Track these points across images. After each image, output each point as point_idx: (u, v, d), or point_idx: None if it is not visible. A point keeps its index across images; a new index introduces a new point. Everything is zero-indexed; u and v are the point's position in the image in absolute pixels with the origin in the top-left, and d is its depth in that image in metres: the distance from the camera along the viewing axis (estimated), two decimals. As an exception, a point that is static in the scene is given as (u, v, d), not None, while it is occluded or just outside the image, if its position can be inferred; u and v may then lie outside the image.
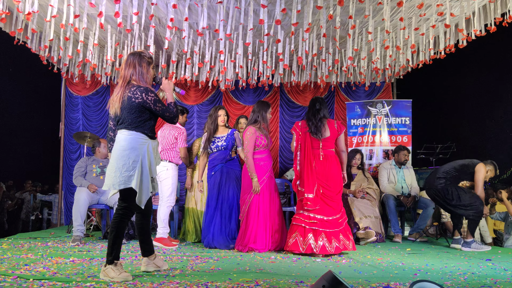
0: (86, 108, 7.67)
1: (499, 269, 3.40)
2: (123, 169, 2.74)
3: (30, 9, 4.38)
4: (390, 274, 3.07)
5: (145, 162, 2.81)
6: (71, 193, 7.33)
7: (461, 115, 7.50)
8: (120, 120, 2.84)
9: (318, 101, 4.23)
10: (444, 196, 4.66)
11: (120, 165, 2.75)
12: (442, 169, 4.81)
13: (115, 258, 2.75)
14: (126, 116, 2.81)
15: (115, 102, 2.83)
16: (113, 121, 2.96)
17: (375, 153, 6.82)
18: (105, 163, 5.25)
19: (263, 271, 3.05)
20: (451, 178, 4.70)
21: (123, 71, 2.89)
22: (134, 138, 2.80)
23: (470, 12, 4.82)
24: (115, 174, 2.76)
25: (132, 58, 2.89)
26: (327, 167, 4.11)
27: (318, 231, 3.98)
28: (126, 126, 2.82)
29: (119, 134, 2.84)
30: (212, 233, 4.46)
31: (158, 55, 6.68)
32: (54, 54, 6.02)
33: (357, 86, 7.82)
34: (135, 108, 2.79)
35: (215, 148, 4.69)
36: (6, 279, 2.63)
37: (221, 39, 5.01)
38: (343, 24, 5.52)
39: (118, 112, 2.82)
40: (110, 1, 4.77)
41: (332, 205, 4.07)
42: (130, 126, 2.81)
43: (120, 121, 2.85)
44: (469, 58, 6.66)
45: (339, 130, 4.18)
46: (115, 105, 2.82)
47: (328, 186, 4.09)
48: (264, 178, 4.36)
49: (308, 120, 4.20)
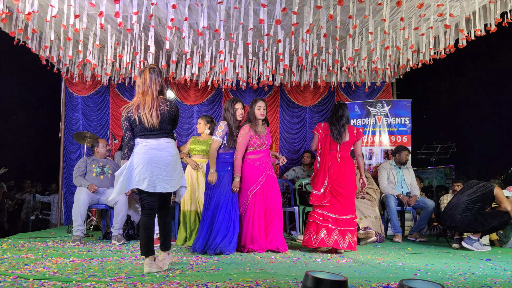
0: (86, 108, 7.67)
1: (499, 269, 3.40)
2: (179, 171, 3.21)
3: (30, 9, 4.38)
4: (390, 274, 3.07)
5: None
6: (71, 193, 7.33)
7: (461, 115, 7.50)
8: (157, 130, 3.14)
9: (341, 107, 4.45)
10: (475, 229, 4.65)
11: (179, 168, 3.22)
12: (462, 206, 4.74)
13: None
14: (164, 126, 3.17)
15: (153, 116, 3.09)
16: (129, 130, 3.17)
17: (375, 153, 6.82)
18: (104, 163, 5.25)
19: (263, 271, 3.05)
20: (476, 211, 4.70)
21: (150, 86, 3.16)
22: (175, 144, 3.26)
23: (470, 12, 4.82)
24: (178, 175, 3.20)
25: (155, 74, 3.20)
26: (343, 168, 4.35)
27: (331, 229, 4.19)
28: (165, 135, 3.18)
29: (162, 142, 3.13)
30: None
31: (158, 55, 6.68)
32: (54, 54, 6.02)
33: (357, 86, 7.82)
34: (172, 119, 3.22)
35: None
36: (6, 279, 2.63)
37: (221, 39, 5.01)
38: (343, 24, 5.52)
39: (157, 124, 3.11)
40: (110, 1, 4.77)
41: (347, 204, 4.28)
42: (169, 135, 3.21)
43: (156, 130, 3.13)
44: (469, 58, 6.66)
45: (357, 136, 4.46)
46: (153, 118, 3.10)
47: (344, 185, 4.31)
48: (260, 179, 4.30)
49: (331, 125, 4.43)
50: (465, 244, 4.62)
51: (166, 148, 3.14)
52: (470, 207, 4.72)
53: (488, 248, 4.68)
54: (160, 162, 3.10)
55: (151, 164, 3.07)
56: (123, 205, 4.88)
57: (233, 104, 4.39)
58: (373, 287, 2.56)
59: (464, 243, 4.63)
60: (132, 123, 3.15)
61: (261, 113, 4.34)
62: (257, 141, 4.33)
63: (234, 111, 4.35)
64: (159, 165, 3.09)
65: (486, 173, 6.63)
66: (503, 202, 4.64)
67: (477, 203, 4.72)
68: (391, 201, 5.52)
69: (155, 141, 3.13)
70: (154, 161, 3.08)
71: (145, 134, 3.13)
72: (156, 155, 3.10)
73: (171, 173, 3.13)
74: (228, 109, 4.38)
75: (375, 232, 5.06)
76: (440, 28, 5.62)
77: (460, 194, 4.89)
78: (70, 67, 7.03)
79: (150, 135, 3.13)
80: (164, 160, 3.12)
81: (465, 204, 4.73)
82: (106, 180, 5.14)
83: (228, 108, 4.38)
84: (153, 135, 3.13)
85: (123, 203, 4.88)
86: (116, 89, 7.77)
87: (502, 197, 4.68)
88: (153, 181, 3.07)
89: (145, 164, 3.06)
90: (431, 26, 5.10)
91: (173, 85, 7.73)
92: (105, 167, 5.21)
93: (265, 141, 4.38)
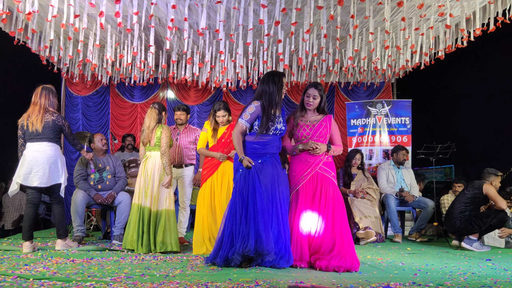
0: (86, 108, 7.67)
1: (499, 269, 3.40)
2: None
3: (30, 9, 4.38)
4: (390, 274, 3.07)
5: None
6: (70, 193, 7.31)
7: (461, 115, 7.49)
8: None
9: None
10: (471, 231, 4.66)
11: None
12: (457, 210, 4.75)
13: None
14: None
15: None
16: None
17: (375, 153, 6.83)
18: (104, 164, 5.09)
19: (263, 271, 3.05)
20: (470, 212, 4.70)
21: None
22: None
23: (470, 12, 4.82)
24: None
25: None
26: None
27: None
28: None
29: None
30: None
31: (158, 55, 6.68)
32: (54, 54, 6.02)
33: (357, 86, 7.82)
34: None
35: (273, 130, 3.45)
36: (6, 279, 2.63)
37: (221, 39, 5.01)
38: (343, 24, 5.53)
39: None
40: (110, 1, 4.77)
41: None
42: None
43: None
44: (469, 58, 6.66)
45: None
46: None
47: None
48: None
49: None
50: (465, 245, 4.62)
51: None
52: (464, 210, 4.72)
53: (488, 249, 4.68)
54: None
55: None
56: (126, 205, 4.84)
57: (280, 78, 3.46)
58: (373, 287, 2.56)
59: (464, 244, 4.63)
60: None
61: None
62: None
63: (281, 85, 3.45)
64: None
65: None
66: (496, 201, 4.60)
67: (470, 205, 4.72)
68: (391, 201, 5.52)
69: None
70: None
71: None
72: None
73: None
74: (271, 82, 3.41)
75: (375, 232, 5.06)
76: (441, 28, 5.62)
77: (458, 197, 4.90)
78: (70, 67, 7.03)
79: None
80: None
81: (460, 208, 4.74)
82: (105, 187, 5.04)
83: (275, 81, 3.42)
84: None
85: (126, 203, 4.85)
86: (116, 89, 7.77)
87: (494, 195, 4.63)
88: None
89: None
90: (431, 26, 5.11)
91: (173, 85, 7.73)
92: (105, 170, 5.06)
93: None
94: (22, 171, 4.00)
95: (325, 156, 3.44)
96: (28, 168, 3.99)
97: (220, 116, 4.33)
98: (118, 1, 4.33)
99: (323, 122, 3.49)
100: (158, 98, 7.87)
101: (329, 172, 3.41)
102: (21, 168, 4.03)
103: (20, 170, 4.02)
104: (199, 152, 4.60)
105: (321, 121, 3.50)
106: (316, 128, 3.46)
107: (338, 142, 3.56)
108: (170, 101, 7.88)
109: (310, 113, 3.57)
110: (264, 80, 3.46)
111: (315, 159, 3.40)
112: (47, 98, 4.15)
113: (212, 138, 4.41)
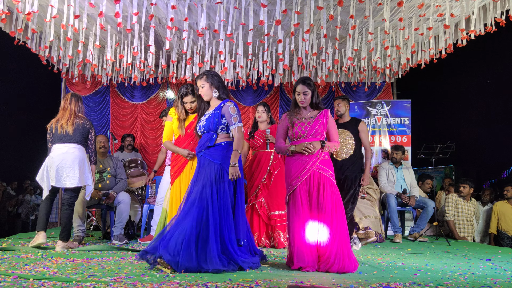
0: (86, 108, 7.65)
1: (499, 269, 3.40)
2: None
3: (30, 9, 4.38)
4: (390, 274, 3.07)
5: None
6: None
7: (460, 115, 7.50)
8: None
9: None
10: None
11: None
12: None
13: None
14: None
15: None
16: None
17: (374, 154, 6.82)
18: (105, 165, 5.08)
19: (263, 271, 3.05)
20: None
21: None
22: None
23: (470, 12, 4.82)
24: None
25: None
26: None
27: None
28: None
29: None
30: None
31: (158, 55, 6.68)
32: (54, 54, 6.02)
33: (357, 86, 7.82)
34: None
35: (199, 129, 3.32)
36: (6, 279, 2.63)
37: (221, 39, 5.01)
38: (343, 24, 5.53)
39: None
40: (110, 1, 4.77)
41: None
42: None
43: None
44: (469, 58, 6.67)
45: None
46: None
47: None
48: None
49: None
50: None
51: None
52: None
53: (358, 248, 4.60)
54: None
55: None
56: (126, 205, 4.86)
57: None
58: (373, 287, 2.56)
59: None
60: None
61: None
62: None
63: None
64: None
65: (486, 173, 6.64)
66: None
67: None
68: (392, 200, 5.52)
69: None
70: None
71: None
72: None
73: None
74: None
75: (375, 232, 5.05)
76: (440, 28, 5.62)
77: None
78: (70, 67, 7.03)
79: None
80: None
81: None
82: (105, 186, 5.05)
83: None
84: None
85: (126, 203, 4.86)
86: (116, 89, 7.77)
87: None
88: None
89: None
90: (430, 26, 5.11)
91: (173, 85, 7.73)
92: (105, 171, 5.05)
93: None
94: (52, 173, 4.07)
95: (322, 154, 3.30)
96: (59, 171, 4.07)
97: (188, 102, 3.81)
98: (117, 1, 4.33)
99: (319, 119, 3.37)
100: (158, 98, 7.88)
101: (326, 171, 3.28)
102: (50, 170, 4.08)
103: (50, 172, 4.08)
104: (164, 146, 4.13)
105: (317, 118, 3.38)
106: (312, 125, 3.35)
107: (335, 138, 3.43)
108: (170, 101, 7.90)
109: (304, 110, 3.45)
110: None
111: (311, 158, 3.28)
112: (76, 104, 4.30)
113: (179, 129, 3.88)
